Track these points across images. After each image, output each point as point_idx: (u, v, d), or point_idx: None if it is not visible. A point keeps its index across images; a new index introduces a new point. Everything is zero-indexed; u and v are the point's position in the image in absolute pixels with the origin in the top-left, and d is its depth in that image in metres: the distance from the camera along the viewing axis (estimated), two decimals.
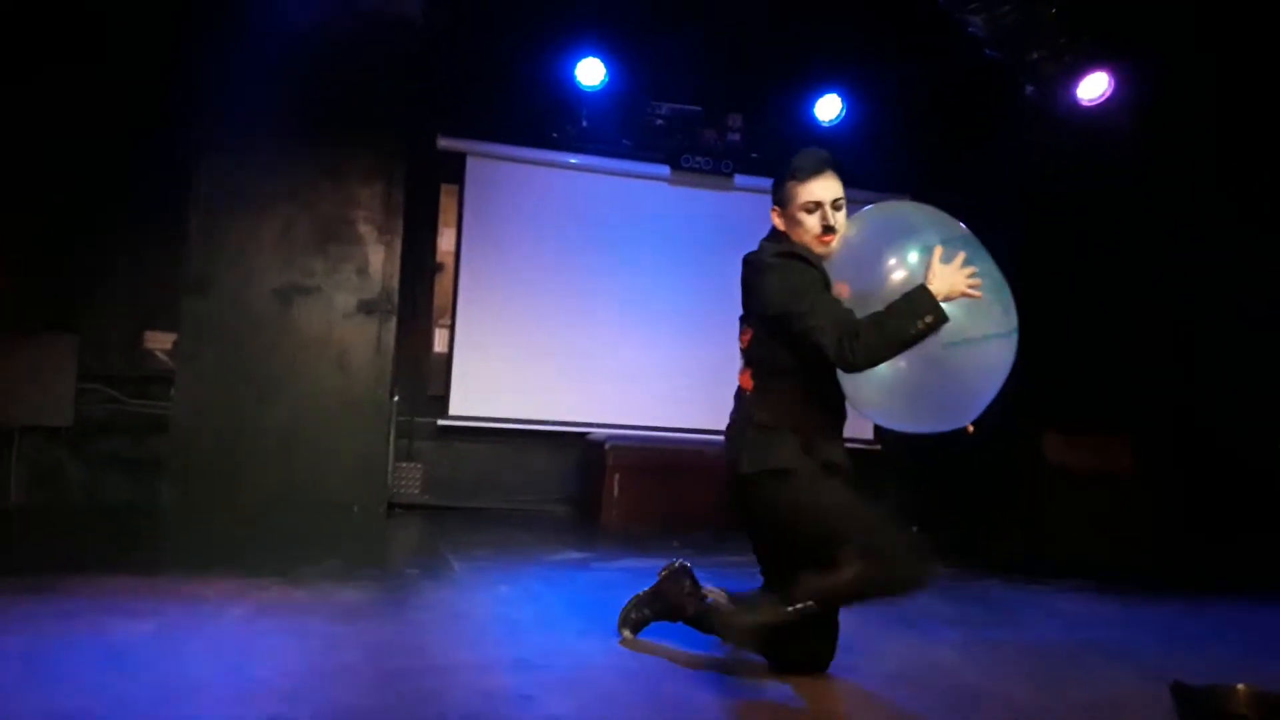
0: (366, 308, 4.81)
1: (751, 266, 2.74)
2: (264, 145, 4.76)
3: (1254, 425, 5.39)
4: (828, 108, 6.49)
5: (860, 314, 2.51)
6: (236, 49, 4.70)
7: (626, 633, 3.00)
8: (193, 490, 4.60)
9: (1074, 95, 5.40)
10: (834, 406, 2.75)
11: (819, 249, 2.69)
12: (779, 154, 6.81)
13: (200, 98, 4.70)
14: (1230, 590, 4.63)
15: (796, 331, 2.55)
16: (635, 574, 4.32)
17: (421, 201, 5.98)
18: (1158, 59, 5.28)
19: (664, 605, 2.99)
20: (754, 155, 6.77)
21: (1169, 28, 5.11)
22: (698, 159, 6.69)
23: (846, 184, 7.37)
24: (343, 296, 4.81)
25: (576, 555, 4.73)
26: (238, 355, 4.71)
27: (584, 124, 6.47)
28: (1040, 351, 5.82)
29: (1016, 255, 5.86)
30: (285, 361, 4.71)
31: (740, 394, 2.79)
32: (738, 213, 6.79)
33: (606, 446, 5.94)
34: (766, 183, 7.03)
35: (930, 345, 2.48)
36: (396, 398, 5.40)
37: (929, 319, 2.44)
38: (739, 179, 6.78)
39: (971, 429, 2.78)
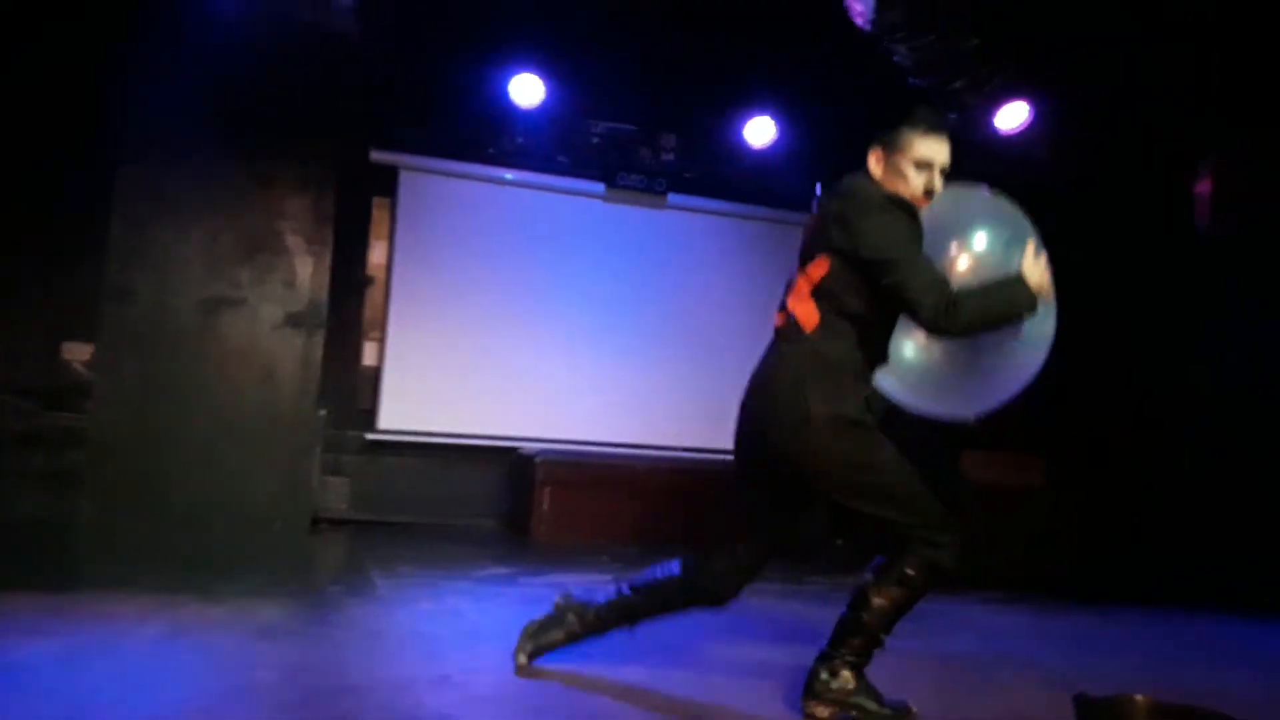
0: (293, 320, 4.74)
1: (854, 200, 2.55)
2: (190, 155, 4.67)
3: (1159, 442, 5.62)
4: (760, 130, 6.60)
5: None
6: (162, 57, 4.61)
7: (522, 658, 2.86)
8: (111, 505, 4.47)
9: (993, 124, 5.59)
10: (881, 362, 2.63)
11: (921, 200, 2.58)
12: (712, 174, 6.99)
13: (124, 106, 4.60)
14: (1140, 601, 4.80)
15: (890, 283, 2.45)
16: (563, 588, 4.32)
17: (353, 214, 5.93)
18: (1075, 90, 5.49)
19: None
20: (687, 175, 6.87)
21: (1085, 60, 5.32)
22: (632, 177, 6.75)
23: (779, 206, 7.49)
24: (269, 308, 4.74)
25: (504, 570, 4.72)
26: (159, 367, 4.60)
27: (519, 140, 6.49)
28: None
29: None
30: (208, 374, 4.61)
31: (793, 329, 2.58)
32: (671, 231, 6.89)
33: (537, 460, 5.95)
34: (699, 202, 7.23)
35: (1005, 334, 2.54)
36: (323, 411, 5.33)
37: (1024, 311, 2.47)
38: (672, 198, 6.86)
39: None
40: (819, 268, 2.56)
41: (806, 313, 2.56)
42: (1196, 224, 5.57)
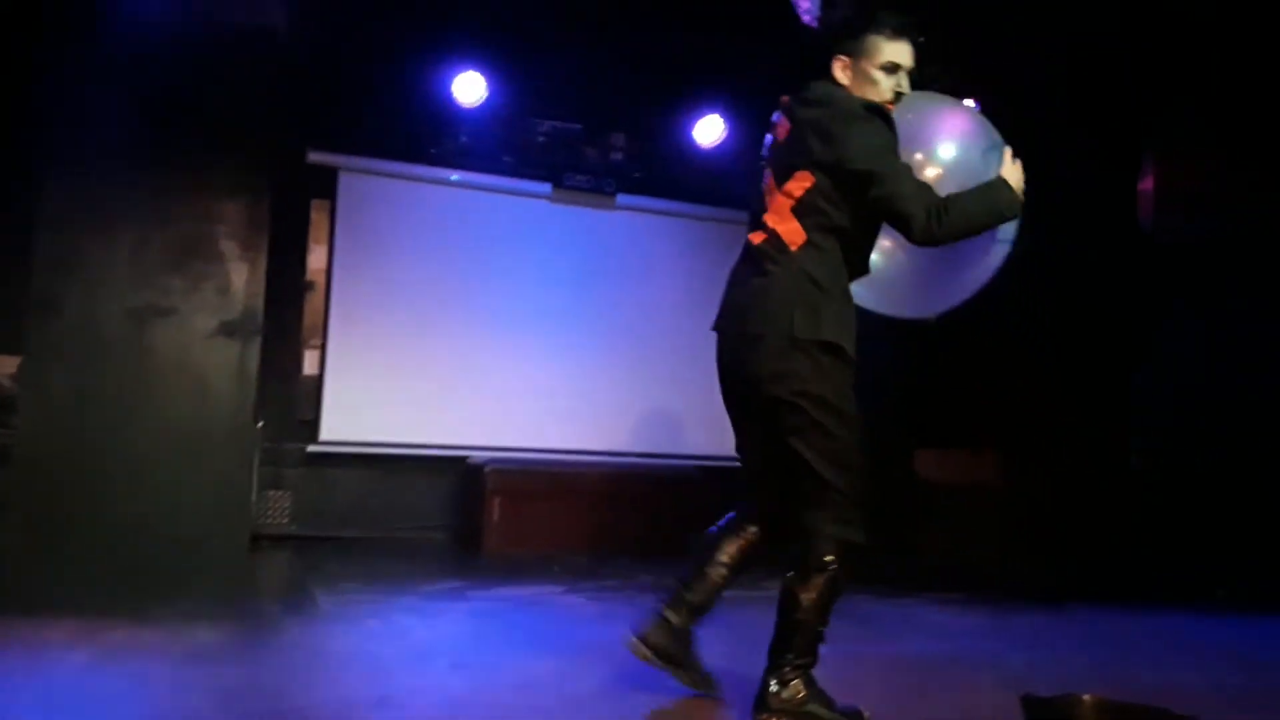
0: (228, 329, 4.58)
1: (834, 110, 2.48)
2: (118, 160, 4.50)
3: (1109, 436, 5.68)
4: (709, 129, 6.56)
5: None
6: (87, 61, 4.44)
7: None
8: (37, 525, 4.28)
9: None
10: (862, 274, 2.58)
11: (891, 98, 2.53)
12: (661, 174, 6.93)
13: (48, 111, 4.42)
14: (1095, 598, 4.83)
15: (879, 195, 2.40)
16: (514, 601, 4.24)
17: (290, 218, 5.77)
18: (1018, 88, 5.53)
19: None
20: (636, 175, 6.80)
21: (1027, 58, 5.36)
22: (579, 177, 6.66)
23: (729, 206, 7.47)
24: (202, 317, 4.57)
25: (452, 584, 4.61)
26: (87, 380, 4.43)
27: (463, 140, 6.37)
28: (911, 374, 6.06)
29: None
30: (139, 387, 4.44)
31: (776, 247, 2.49)
32: (620, 232, 6.82)
33: (487, 470, 5.84)
34: (649, 202, 7.16)
35: (985, 235, 2.57)
36: (261, 423, 5.17)
37: (1007, 213, 2.48)
38: (621, 198, 6.79)
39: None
40: (800, 183, 2.48)
41: (790, 231, 2.48)
42: (1141, 221, 5.64)
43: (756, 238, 2.56)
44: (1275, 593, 4.71)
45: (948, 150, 2.69)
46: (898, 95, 2.54)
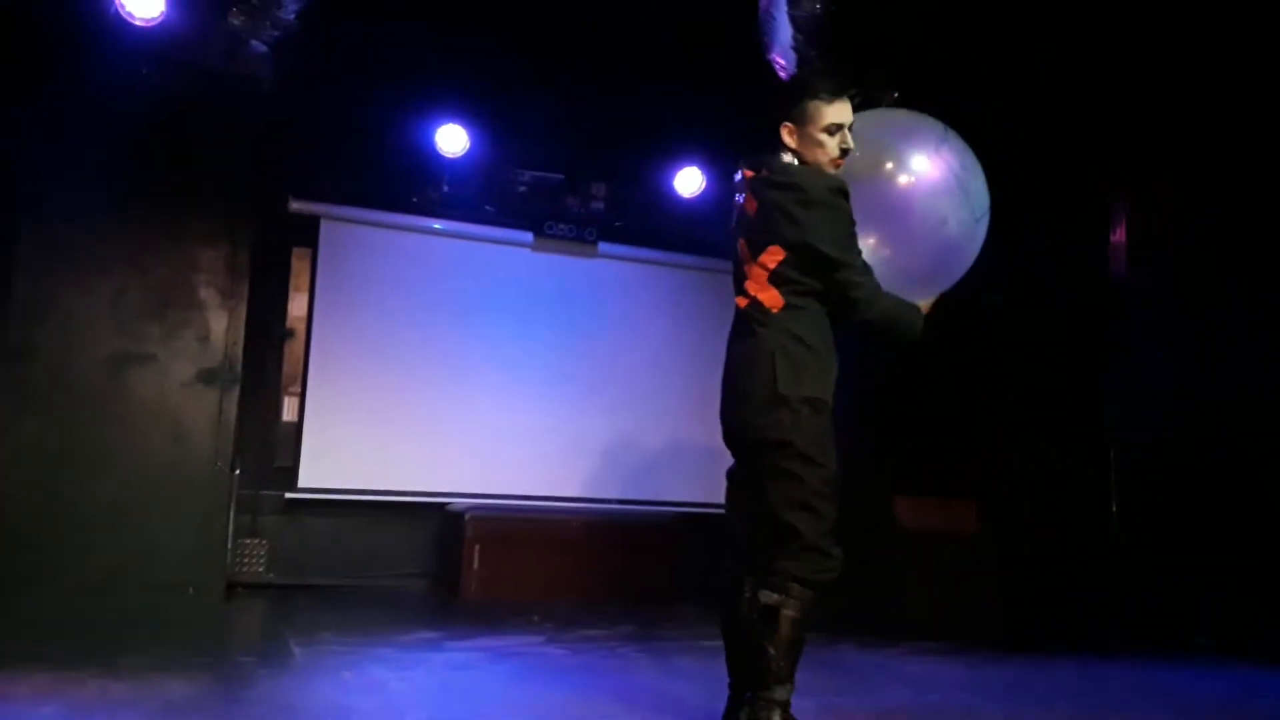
0: (207, 376, 4.58)
1: (797, 192, 2.64)
2: (97, 206, 4.53)
3: (1087, 482, 5.71)
4: (689, 180, 6.64)
5: None
6: (70, 105, 4.48)
7: None
8: (8, 573, 4.23)
9: None
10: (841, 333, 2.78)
11: (831, 170, 2.70)
12: (642, 223, 7.00)
13: (26, 156, 4.44)
14: (1073, 648, 4.81)
15: (840, 279, 2.62)
16: (492, 652, 4.19)
17: (271, 265, 5.77)
18: (988, 143, 5.63)
19: None
20: (617, 224, 6.85)
21: (998, 114, 5.47)
22: (561, 226, 6.71)
23: (709, 254, 7.51)
24: (180, 364, 4.57)
25: (430, 634, 4.55)
26: (62, 427, 4.41)
27: (445, 189, 6.42)
28: (889, 423, 6.09)
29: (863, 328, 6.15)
30: (115, 434, 4.43)
31: (761, 310, 2.66)
32: (601, 280, 6.85)
33: (466, 517, 5.79)
34: (630, 250, 7.20)
35: (964, 216, 2.91)
36: (238, 470, 5.13)
37: (909, 335, 2.76)
38: (603, 246, 6.83)
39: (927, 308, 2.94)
40: (773, 256, 2.65)
41: (770, 298, 2.66)
42: (1112, 271, 5.73)
43: (742, 303, 2.75)
44: (1256, 641, 4.72)
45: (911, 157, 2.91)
46: (844, 151, 2.70)
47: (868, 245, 2.77)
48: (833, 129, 2.66)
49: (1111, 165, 5.80)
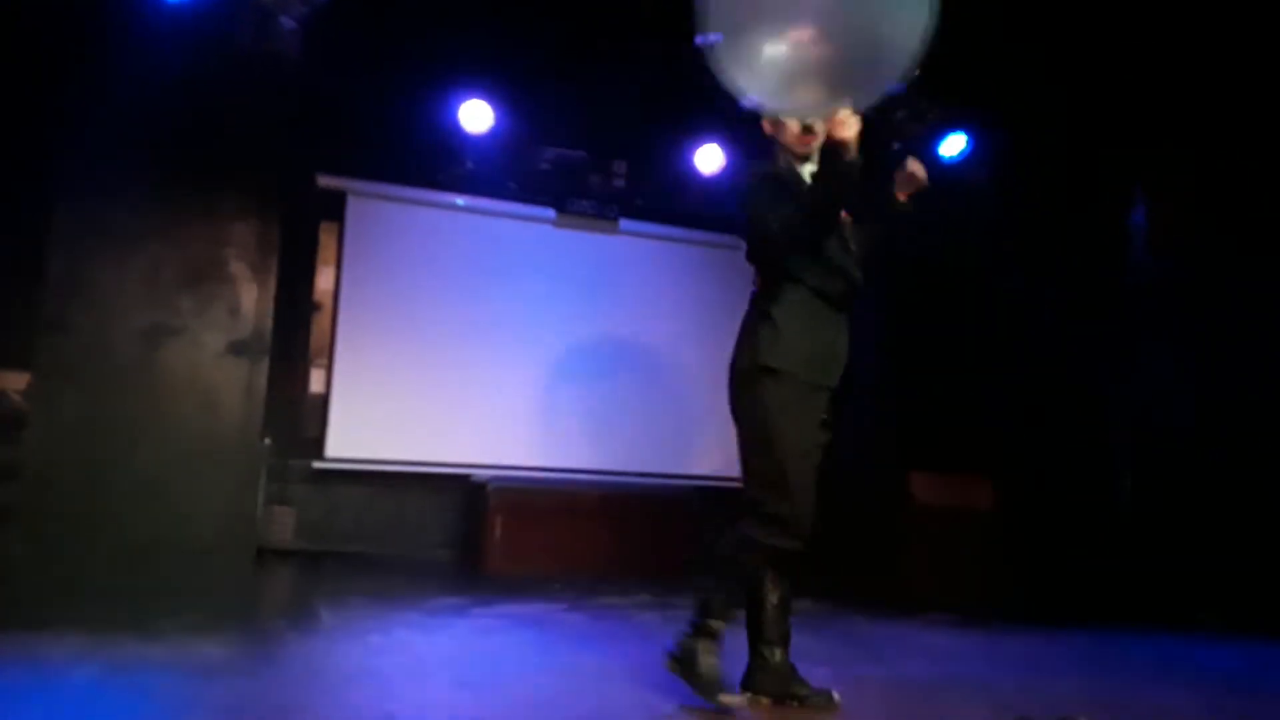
0: (237, 348, 4.65)
1: (743, 182, 2.98)
2: (131, 182, 4.58)
3: (1100, 461, 5.73)
4: (709, 157, 6.65)
5: None
6: (102, 83, 4.52)
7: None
8: (45, 540, 4.33)
9: (936, 153, 5.72)
10: (829, 321, 2.87)
11: (800, 149, 2.88)
12: (663, 200, 7.03)
13: (62, 133, 4.51)
14: (1089, 621, 4.86)
15: (754, 231, 2.87)
16: (516, 618, 4.29)
17: (299, 240, 5.86)
18: (1010, 122, 5.64)
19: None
20: (639, 201, 6.89)
21: (1023, 91, 5.47)
22: (583, 203, 6.76)
23: (729, 231, 7.52)
24: (212, 336, 4.64)
25: (455, 601, 4.66)
26: (97, 398, 4.48)
27: (469, 166, 6.46)
28: (906, 398, 6.12)
29: (882, 306, 6.18)
30: (148, 404, 4.50)
31: (753, 291, 2.95)
32: (622, 256, 6.90)
33: (489, 488, 5.89)
34: (651, 228, 7.25)
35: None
36: (268, 440, 5.24)
37: (842, 170, 2.68)
38: (624, 224, 6.88)
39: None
40: (747, 240, 2.96)
41: (755, 278, 2.95)
42: (1133, 256, 5.73)
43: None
44: (1265, 617, 4.75)
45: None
46: (805, 129, 2.86)
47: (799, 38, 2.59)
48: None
49: (1131, 152, 5.78)
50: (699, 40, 2.66)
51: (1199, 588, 5.12)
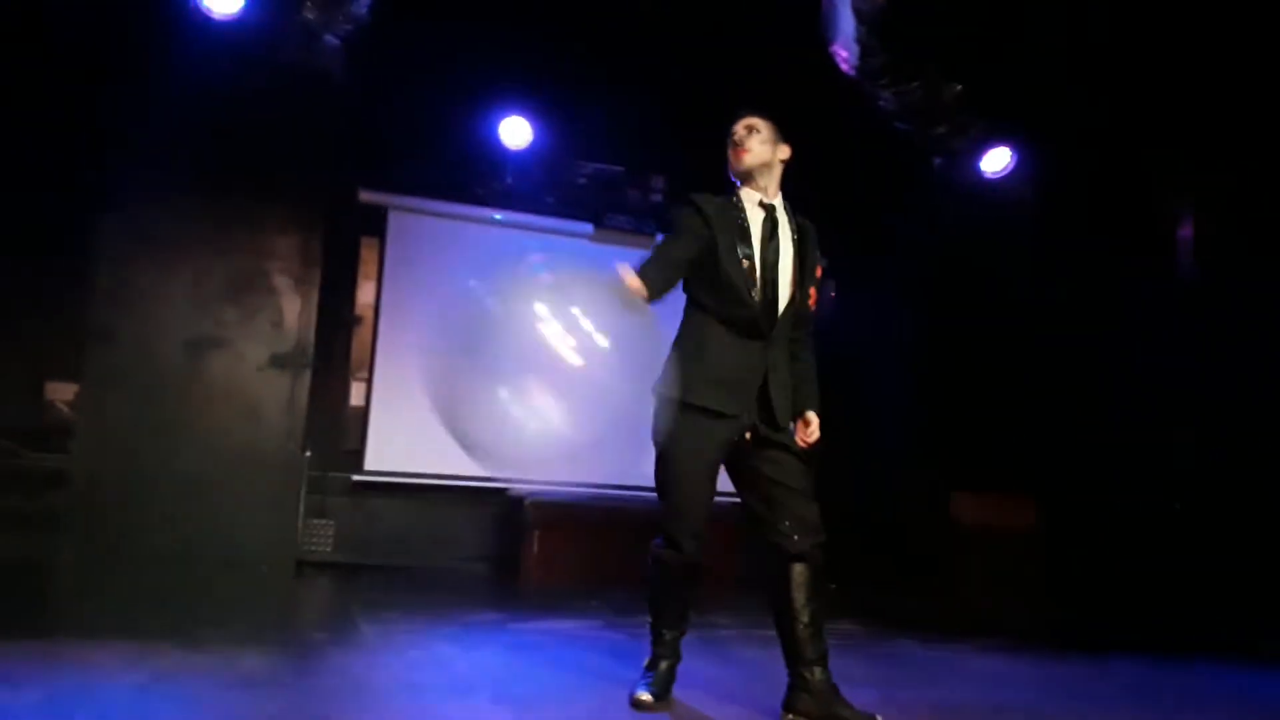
0: (280, 361, 4.70)
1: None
2: (177, 195, 4.65)
3: (1150, 483, 5.62)
4: None
5: None
6: (150, 98, 4.60)
7: None
8: (92, 548, 4.39)
9: (979, 168, 5.67)
10: (734, 348, 3.01)
11: (735, 164, 3.18)
12: None
13: (110, 146, 4.59)
14: (1137, 648, 4.75)
15: None
16: (554, 635, 4.27)
17: (341, 254, 5.93)
18: (1053, 137, 5.57)
19: None
20: None
21: (1061, 109, 5.41)
22: (620, 218, 6.77)
23: None
24: (255, 348, 4.70)
25: (493, 616, 4.65)
26: (143, 407, 4.55)
27: (508, 181, 6.51)
28: (948, 417, 6.06)
29: (924, 323, 6.12)
30: (193, 414, 4.56)
31: None
32: None
33: (527, 502, 5.89)
34: None
35: None
36: (309, 453, 5.28)
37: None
38: (661, 238, 6.85)
39: None
40: None
41: None
42: (1179, 268, 5.64)
43: None
44: None
45: None
46: (733, 145, 3.15)
47: None
48: (728, 135, 3.14)
49: (1177, 167, 5.70)
50: None
51: (1257, 615, 4.98)
